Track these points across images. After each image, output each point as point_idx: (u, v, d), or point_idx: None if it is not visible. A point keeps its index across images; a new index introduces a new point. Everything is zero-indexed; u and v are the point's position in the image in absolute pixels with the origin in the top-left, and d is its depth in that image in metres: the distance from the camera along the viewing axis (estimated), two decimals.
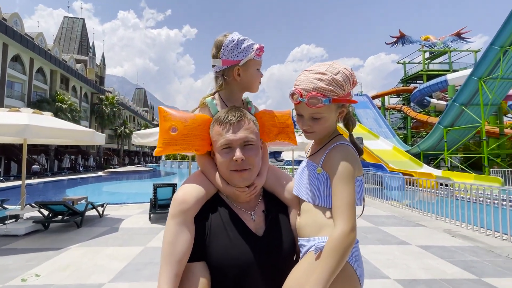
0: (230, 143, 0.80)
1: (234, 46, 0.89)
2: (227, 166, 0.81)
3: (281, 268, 0.79)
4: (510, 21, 12.38)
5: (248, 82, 0.94)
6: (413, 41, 29.82)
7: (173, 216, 0.77)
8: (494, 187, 5.75)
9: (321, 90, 0.76)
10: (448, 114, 16.18)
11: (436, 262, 3.64)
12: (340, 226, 0.69)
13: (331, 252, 0.67)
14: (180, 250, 0.72)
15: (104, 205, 6.54)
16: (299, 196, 0.86)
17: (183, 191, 0.82)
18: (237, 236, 0.78)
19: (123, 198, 10.54)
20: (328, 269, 0.66)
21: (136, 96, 79.83)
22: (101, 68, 42.05)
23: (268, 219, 0.84)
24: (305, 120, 0.82)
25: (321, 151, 0.84)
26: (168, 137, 0.84)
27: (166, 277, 0.70)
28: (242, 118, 0.83)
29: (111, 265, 3.55)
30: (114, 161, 40.13)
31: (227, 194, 0.86)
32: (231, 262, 0.75)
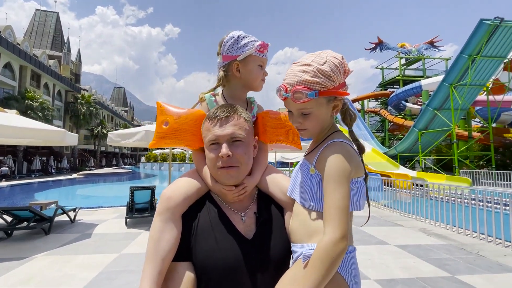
0: (217, 139, 0.77)
1: (234, 42, 0.89)
2: (214, 163, 0.78)
3: (270, 275, 0.73)
4: (477, 32, 13.24)
5: (248, 78, 0.91)
6: (390, 48, 31.15)
7: (159, 213, 0.75)
8: (464, 187, 6.06)
9: (306, 83, 0.69)
10: (422, 118, 16.99)
11: (413, 261, 3.74)
12: (329, 233, 0.62)
13: (317, 262, 0.61)
14: (164, 247, 0.70)
15: (76, 210, 6.14)
16: (293, 197, 0.79)
17: (171, 188, 0.80)
18: (224, 238, 0.74)
19: (98, 202, 10.02)
20: (313, 281, 0.59)
21: (114, 95, 76.80)
22: (76, 65, 40.00)
23: (259, 222, 0.79)
24: (294, 117, 0.76)
25: (316, 149, 0.77)
26: (160, 130, 0.85)
27: (149, 274, 0.68)
28: (231, 113, 0.79)
29: (81, 275, 3.31)
30: (90, 163, 38.26)
31: (216, 192, 0.83)
32: (216, 265, 0.71)
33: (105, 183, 20.07)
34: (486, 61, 13.95)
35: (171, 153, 6.94)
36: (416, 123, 17.60)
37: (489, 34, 13.05)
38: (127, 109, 72.70)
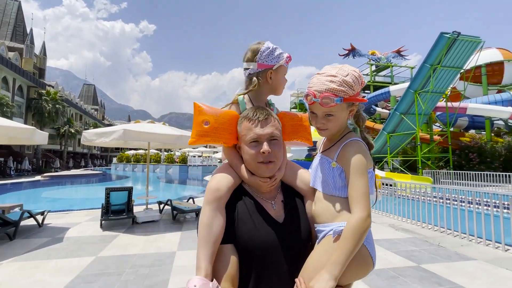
0: (258, 137, 0.88)
1: (270, 53, 1.00)
2: (255, 158, 0.88)
3: (299, 251, 0.88)
4: (438, 44, 14.52)
5: (276, 85, 1.05)
6: (362, 55, 32.89)
7: (209, 203, 0.85)
8: (428, 185, 6.63)
9: (333, 90, 0.83)
10: (390, 122, 18.15)
11: (383, 254, 4.06)
12: (358, 212, 0.77)
13: (350, 236, 0.75)
14: (215, 232, 0.81)
15: (44, 213, 5.77)
16: (315, 187, 0.93)
17: (216, 180, 0.90)
18: (261, 223, 0.86)
19: (68, 204, 9.43)
20: (347, 250, 0.74)
21: (84, 93, 72.22)
22: (41, 59, 37.08)
23: (287, 208, 0.93)
24: (318, 119, 0.90)
25: (335, 147, 0.91)
26: (201, 129, 0.92)
27: (204, 254, 0.78)
28: (269, 116, 0.92)
29: (55, 280, 3.16)
30: (55, 164, 35.58)
31: (251, 184, 0.94)
32: (257, 245, 0.83)
33: (74, 185, 18.83)
34: (445, 71, 15.32)
35: (149, 153, 6.79)
36: (385, 126, 18.76)
37: (448, 46, 14.37)
38: (97, 108, 68.69)
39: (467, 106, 17.39)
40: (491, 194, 5.03)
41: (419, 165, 16.25)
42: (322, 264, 0.78)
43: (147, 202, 6.61)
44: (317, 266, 0.78)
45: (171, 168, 28.49)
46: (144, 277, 3.24)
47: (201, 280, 0.73)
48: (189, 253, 4.10)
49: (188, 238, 4.89)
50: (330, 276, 0.73)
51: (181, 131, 6.29)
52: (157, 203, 7.19)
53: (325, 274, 0.74)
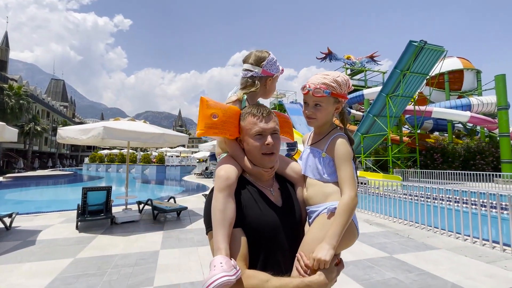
0: (263, 131, 0.98)
1: (273, 63, 1.16)
2: (259, 150, 0.98)
3: (296, 230, 1.02)
4: (407, 51, 15.58)
5: (270, 91, 1.20)
6: (338, 59, 34.15)
7: (221, 190, 0.93)
8: (398, 183, 7.14)
9: (324, 84, 1.01)
10: (364, 123, 19.10)
11: (360, 246, 4.34)
12: (348, 192, 0.93)
13: (343, 212, 0.90)
14: (229, 215, 0.90)
15: (13, 216, 5.41)
16: (307, 175, 1.07)
17: (225, 169, 0.98)
18: (265, 207, 0.98)
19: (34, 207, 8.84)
20: (342, 223, 0.89)
21: (52, 88, 67.42)
22: (2, 50, 34.18)
23: (284, 194, 1.06)
24: (309, 107, 1.06)
25: (324, 140, 1.06)
26: (210, 121, 0.99)
27: (222, 236, 0.87)
28: (271, 113, 1.03)
29: (31, 283, 3.03)
30: (19, 164, 32.87)
31: (254, 173, 1.04)
32: (264, 227, 0.95)
33: (41, 186, 17.57)
34: (413, 76, 16.45)
35: (128, 152, 6.60)
36: (359, 128, 19.69)
37: (416, 53, 15.45)
38: (67, 105, 64.47)
39: (432, 110, 18.81)
40: (452, 191, 5.54)
41: (390, 164, 17.28)
42: (319, 238, 0.90)
43: (127, 202, 6.42)
44: (315, 240, 0.91)
45: (147, 168, 27.58)
46: (128, 276, 3.20)
47: (224, 258, 0.82)
48: (173, 252, 4.09)
49: (170, 237, 4.85)
50: (330, 246, 0.87)
51: (163, 129, 6.19)
52: (136, 203, 7.01)
53: (325, 245, 0.87)
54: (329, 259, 0.85)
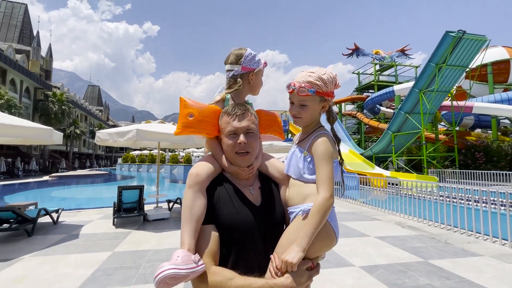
0: (236, 130, 0.98)
1: (252, 58, 1.14)
2: (232, 149, 0.98)
3: (274, 231, 0.98)
4: (443, 42, 14.48)
5: (255, 86, 1.19)
6: (366, 54, 32.82)
7: (190, 186, 0.94)
8: (434, 184, 6.69)
9: (309, 83, 0.97)
10: (395, 121, 18.15)
11: (391, 250, 4.14)
12: (322, 193, 0.89)
13: (315, 213, 0.87)
14: (196, 211, 0.90)
15: (59, 211, 5.95)
16: (289, 174, 1.05)
17: (196, 168, 0.99)
18: (240, 206, 0.97)
19: (77, 203, 9.64)
20: (313, 225, 0.86)
21: (89, 94, 72.96)
22: (47, 61, 37.60)
23: (264, 193, 1.05)
24: (294, 107, 1.03)
25: (307, 139, 1.04)
26: (186, 121, 1.01)
27: (187, 231, 0.87)
28: (246, 111, 1.01)
29: (76, 273, 3.31)
30: (61, 165, 36.04)
31: (230, 172, 1.04)
32: (237, 225, 0.93)
33: (81, 185, 19.12)
34: (450, 69, 15.27)
35: (159, 153, 6.94)
36: (390, 126, 18.75)
37: (453, 45, 14.33)
38: (102, 109, 69.35)
39: (473, 105, 17.30)
40: (498, 193, 5.08)
41: (424, 164, 16.22)
42: (291, 240, 0.89)
43: (157, 201, 6.75)
44: (289, 242, 0.89)
45: (175, 168, 28.72)
46: None
47: (183, 252, 0.82)
48: None
49: None
50: (299, 248, 0.84)
51: None
52: (166, 201, 7.34)
53: (295, 247, 0.85)
54: (296, 261, 0.82)
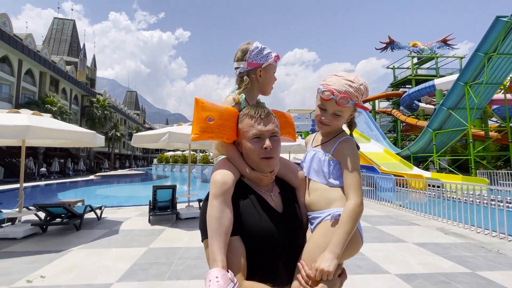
0: (261, 134, 0.92)
1: (258, 52, 1.05)
2: (258, 154, 0.92)
3: (297, 236, 0.96)
4: (493, 29, 12.98)
5: (265, 83, 1.09)
6: (401, 47, 30.73)
7: (217, 196, 0.87)
8: (483, 186, 6.02)
9: (350, 93, 0.93)
10: (436, 118, 16.72)
11: (432, 258, 3.81)
12: (354, 199, 0.88)
13: (348, 219, 0.86)
14: (226, 224, 0.84)
15: (102, 208, 6.48)
16: (311, 178, 1.01)
17: (221, 174, 0.91)
18: (265, 213, 0.92)
19: (118, 201, 10.42)
20: (347, 231, 0.85)
21: (127, 99, 78.72)
22: (91, 70, 41.32)
23: (284, 199, 1.00)
24: (327, 115, 0.98)
25: (330, 142, 1.01)
26: (205, 125, 0.93)
27: (218, 246, 0.81)
28: (269, 114, 0.96)
29: (116, 266, 3.56)
30: (104, 165, 39.32)
31: (252, 178, 0.97)
32: (263, 234, 0.89)
33: (122, 184, 20.68)
34: (503, 59, 13.64)
35: (190, 154, 7.22)
36: (430, 123, 17.33)
37: (506, 31, 12.78)
38: (139, 112, 74.28)
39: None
40: None
41: (471, 165, 14.71)
42: (321, 246, 0.86)
43: (189, 200, 7.02)
44: (317, 248, 0.86)
45: (206, 168, 29.65)
46: (191, 268, 3.49)
47: (220, 272, 0.77)
48: None
49: None
50: (334, 256, 0.82)
51: None
52: (197, 201, 7.59)
53: (329, 254, 0.82)
54: (332, 269, 0.81)
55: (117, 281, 3.11)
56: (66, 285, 3.03)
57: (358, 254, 3.67)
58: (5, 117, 4.56)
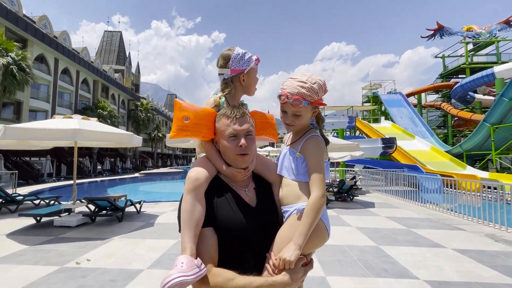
0: (237, 133, 0.99)
1: (240, 58, 1.12)
2: (233, 151, 0.99)
3: (269, 230, 1.00)
4: None
5: (248, 86, 1.17)
6: (453, 33, 27.67)
7: (189, 191, 0.94)
8: None
9: (302, 94, 0.99)
10: (495, 110, 14.79)
11: (473, 266, 3.43)
12: (315, 192, 0.94)
13: (310, 211, 0.91)
14: (197, 216, 0.91)
15: (141, 203, 7.09)
16: (282, 174, 1.08)
17: (195, 171, 0.99)
18: (237, 207, 0.99)
19: (157, 196, 11.26)
20: (309, 223, 0.90)
21: (168, 102, 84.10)
22: (136, 76, 45.06)
23: (259, 194, 1.06)
24: (288, 116, 1.05)
25: (299, 141, 1.07)
26: (181, 124, 1.01)
27: (188, 236, 0.89)
28: (245, 114, 1.03)
29: (148, 255, 3.91)
30: (148, 163, 42.64)
31: (227, 174, 1.04)
32: (235, 227, 0.95)
33: (162, 181, 22.26)
34: None
35: None
36: (488, 116, 15.39)
37: None
38: None
39: None
40: None
41: None
42: (288, 238, 0.91)
43: None
44: (284, 240, 0.92)
45: None
46: None
47: (187, 258, 0.83)
48: None
49: None
50: (296, 246, 0.87)
51: None
52: None
53: (292, 245, 0.88)
54: (294, 259, 0.86)
55: (147, 268, 3.42)
56: (105, 268, 3.43)
57: (385, 256, 3.51)
58: (61, 122, 5.29)
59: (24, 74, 16.42)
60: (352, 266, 3.47)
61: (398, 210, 7.51)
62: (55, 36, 24.24)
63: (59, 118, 5.63)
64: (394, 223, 5.85)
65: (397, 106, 26.93)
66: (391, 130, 22.50)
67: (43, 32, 21.62)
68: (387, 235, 4.91)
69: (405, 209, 7.62)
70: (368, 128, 23.12)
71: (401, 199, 9.34)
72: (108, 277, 3.17)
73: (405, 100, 27.87)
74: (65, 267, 3.48)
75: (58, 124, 5.12)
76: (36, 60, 21.53)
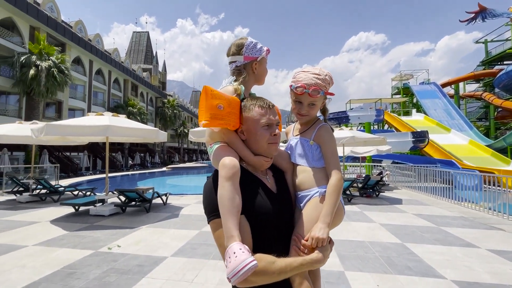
0: (271, 122, 1.03)
1: (253, 46, 1.16)
2: (267, 140, 1.03)
3: (290, 212, 1.08)
4: None
5: (260, 75, 1.20)
6: (497, 15, 25.03)
7: (228, 178, 0.93)
8: None
9: (319, 85, 1.06)
10: None
11: (509, 268, 3.18)
12: (335, 175, 1.03)
13: (332, 192, 1.00)
14: (238, 203, 0.91)
15: (167, 195, 7.45)
16: (296, 163, 1.13)
17: (230, 159, 0.97)
18: (264, 194, 1.03)
19: (183, 189, 11.74)
20: (333, 203, 0.99)
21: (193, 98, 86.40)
22: (163, 75, 46.79)
23: (277, 181, 1.10)
24: (303, 107, 1.11)
25: (310, 129, 1.14)
26: (215, 112, 0.96)
27: (233, 224, 0.88)
28: (274, 106, 1.07)
29: (172, 243, 4.12)
30: (175, 158, 44.38)
31: (254, 163, 1.05)
32: (265, 212, 0.99)
33: (188, 175, 23.10)
34: None
35: None
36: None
37: None
38: None
39: None
40: None
41: None
42: (314, 219, 0.99)
43: None
44: (310, 221, 0.99)
45: None
46: None
47: (241, 244, 0.84)
48: None
49: None
50: (325, 224, 0.95)
51: None
52: None
53: (321, 224, 0.95)
54: (326, 236, 0.93)
55: (171, 256, 3.62)
56: (133, 254, 3.68)
57: (410, 254, 3.37)
58: (93, 119, 5.71)
59: (64, 76, 17.86)
60: (373, 262, 3.38)
61: (427, 207, 7.10)
62: (89, 39, 25.91)
63: (92, 116, 6.07)
64: (422, 220, 5.55)
65: (430, 97, 25.17)
66: (423, 123, 21.15)
67: (79, 36, 23.23)
68: (413, 232, 4.69)
69: (436, 206, 7.19)
70: (398, 121, 21.92)
71: (432, 196, 8.81)
72: (136, 262, 3.41)
73: (440, 90, 25.95)
74: (99, 251, 3.80)
75: (90, 121, 5.53)
76: (73, 63, 23.25)
